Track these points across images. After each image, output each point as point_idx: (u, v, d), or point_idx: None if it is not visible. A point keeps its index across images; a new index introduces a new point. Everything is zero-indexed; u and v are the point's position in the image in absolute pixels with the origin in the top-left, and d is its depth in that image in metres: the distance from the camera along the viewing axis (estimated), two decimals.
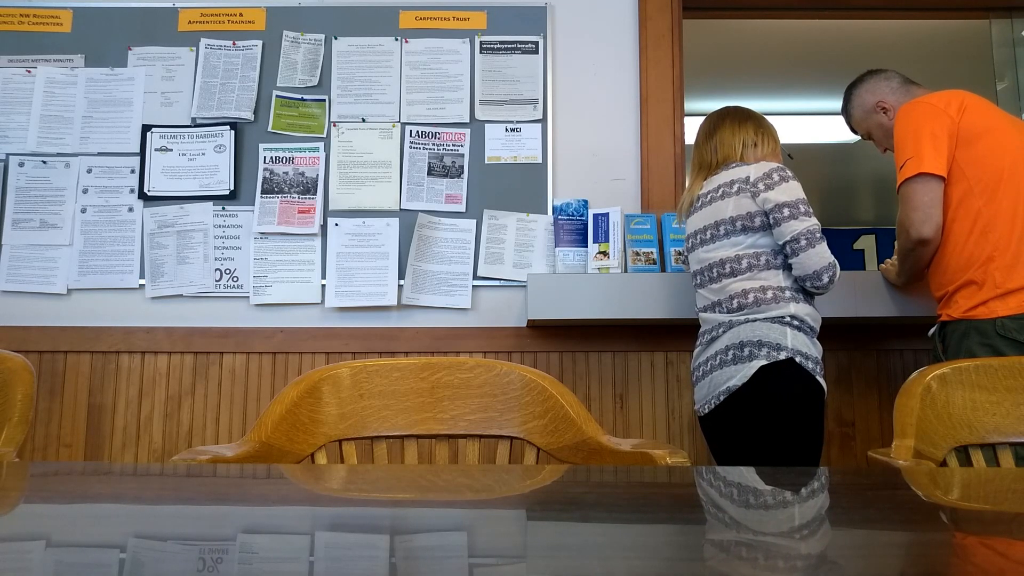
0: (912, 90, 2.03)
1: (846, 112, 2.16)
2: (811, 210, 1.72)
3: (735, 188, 1.77)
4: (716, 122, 1.92)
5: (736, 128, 1.88)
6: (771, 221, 1.72)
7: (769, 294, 1.71)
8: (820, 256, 1.68)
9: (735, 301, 1.74)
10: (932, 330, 1.90)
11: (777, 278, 1.73)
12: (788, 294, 1.72)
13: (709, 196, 1.83)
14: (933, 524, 0.57)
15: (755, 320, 1.70)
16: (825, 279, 1.69)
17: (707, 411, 1.78)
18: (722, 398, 1.72)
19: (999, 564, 0.45)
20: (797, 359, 1.67)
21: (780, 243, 1.73)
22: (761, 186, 1.73)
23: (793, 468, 0.82)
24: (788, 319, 1.70)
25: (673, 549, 0.48)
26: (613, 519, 0.55)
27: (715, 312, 1.79)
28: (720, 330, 1.76)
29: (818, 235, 1.69)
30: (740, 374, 1.69)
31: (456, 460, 2.07)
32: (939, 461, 1.15)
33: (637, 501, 0.63)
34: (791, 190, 1.72)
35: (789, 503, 0.62)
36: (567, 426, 1.12)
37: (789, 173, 1.75)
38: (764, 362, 1.67)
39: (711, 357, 1.77)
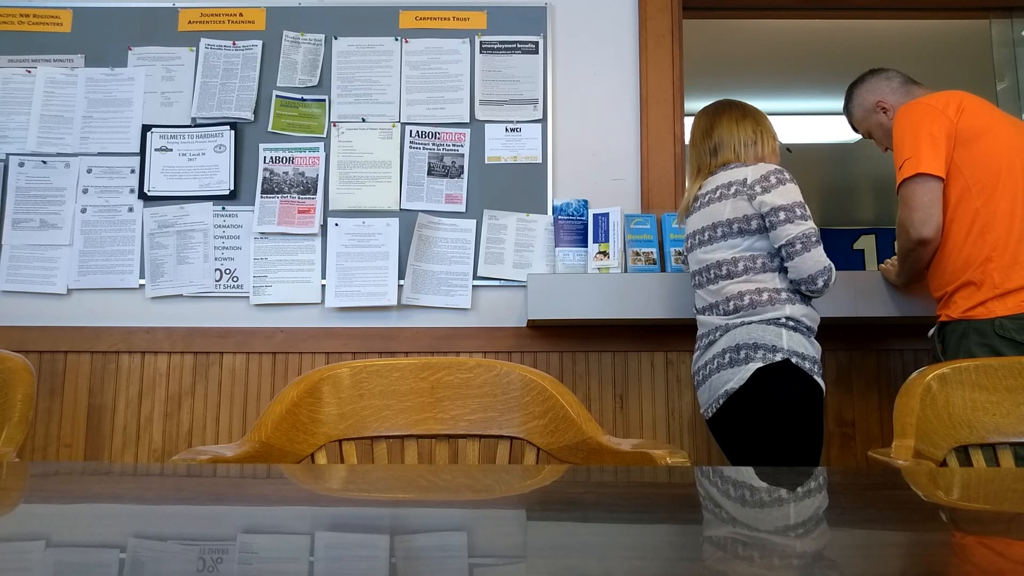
0: (912, 90, 2.03)
1: (847, 111, 2.17)
2: (808, 213, 1.71)
3: (732, 190, 1.76)
4: (712, 119, 1.90)
5: (734, 127, 1.86)
6: (767, 224, 1.72)
7: (765, 296, 1.71)
8: (815, 260, 1.68)
9: (731, 303, 1.74)
10: (932, 331, 1.90)
11: (773, 280, 1.73)
12: (784, 296, 1.72)
13: (707, 197, 1.83)
14: (933, 524, 0.57)
15: (751, 323, 1.71)
16: (820, 283, 1.69)
17: (710, 415, 1.78)
18: (721, 401, 1.73)
19: (999, 564, 0.45)
20: (793, 360, 1.67)
21: (776, 246, 1.72)
22: (758, 188, 1.72)
23: (793, 468, 0.82)
24: (784, 320, 1.70)
25: (673, 549, 0.48)
26: (613, 519, 0.55)
27: (712, 315, 1.79)
28: (717, 334, 1.76)
29: (814, 239, 1.69)
30: (737, 377, 1.69)
31: (456, 460, 2.07)
32: (939, 461, 1.15)
33: (637, 501, 0.63)
34: (788, 193, 1.71)
35: (789, 503, 0.62)
36: (567, 426, 1.12)
37: (787, 175, 1.74)
38: (760, 364, 1.67)
39: (709, 361, 1.78)
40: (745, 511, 0.58)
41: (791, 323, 1.70)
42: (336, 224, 2.37)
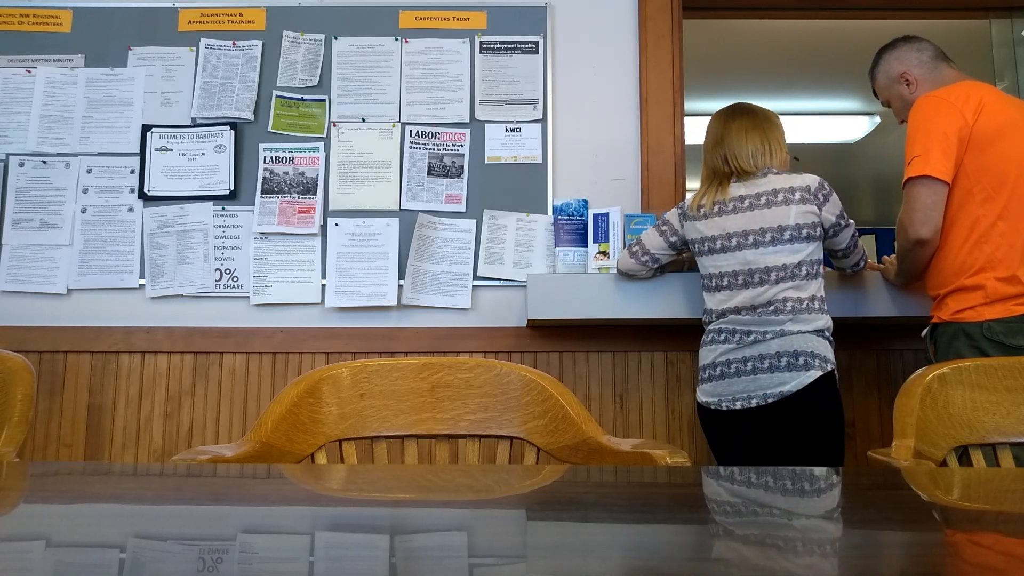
0: (941, 68, 1.97)
1: (872, 76, 2.09)
2: None
3: (797, 196, 1.81)
4: (723, 128, 1.92)
5: (743, 136, 1.89)
6: (830, 232, 1.86)
7: (816, 304, 1.81)
8: (860, 248, 1.98)
9: (788, 304, 1.78)
10: (925, 331, 1.90)
11: (819, 287, 1.83)
12: (823, 306, 1.83)
13: (763, 199, 1.82)
14: (933, 524, 0.57)
15: (805, 332, 1.78)
16: (863, 264, 2.01)
17: (738, 407, 1.79)
18: (770, 400, 1.76)
19: (999, 564, 0.45)
20: (834, 370, 1.79)
21: (837, 248, 1.93)
22: (821, 197, 1.83)
23: (795, 468, 0.82)
24: (824, 332, 1.80)
25: (673, 549, 0.48)
26: (613, 519, 0.55)
27: (755, 315, 1.81)
28: (767, 336, 1.79)
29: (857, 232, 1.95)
30: (796, 381, 1.75)
31: (456, 460, 2.07)
32: (939, 461, 1.15)
33: (637, 501, 0.63)
34: (838, 201, 1.88)
35: (789, 504, 0.62)
36: (567, 426, 1.12)
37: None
38: (820, 373, 1.75)
39: (754, 358, 1.79)
40: (745, 512, 0.58)
41: (828, 334, 1.81)
42: (336, 224, 2.37)
